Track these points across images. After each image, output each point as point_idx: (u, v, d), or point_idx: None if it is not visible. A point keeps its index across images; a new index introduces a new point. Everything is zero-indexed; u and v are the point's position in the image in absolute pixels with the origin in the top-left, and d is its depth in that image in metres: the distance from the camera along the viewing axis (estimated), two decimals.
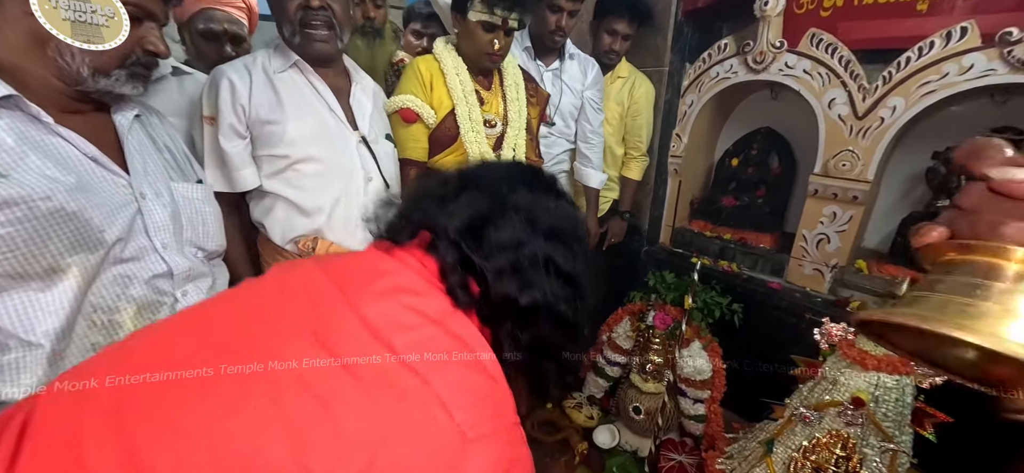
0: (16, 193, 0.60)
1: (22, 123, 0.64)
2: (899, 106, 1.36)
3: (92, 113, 0.75)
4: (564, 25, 1.65)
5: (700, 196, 2.08)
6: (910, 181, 1.60)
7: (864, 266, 1.54)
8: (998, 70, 1.20)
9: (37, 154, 0.64)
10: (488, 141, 1.33)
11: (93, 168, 0.71)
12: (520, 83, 1.40)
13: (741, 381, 1.46)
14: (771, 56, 1.58)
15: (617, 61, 1.90)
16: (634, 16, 1.79)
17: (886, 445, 0.89)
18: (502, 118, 1.37)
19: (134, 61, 0.72)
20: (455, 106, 1.27)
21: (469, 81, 1.29)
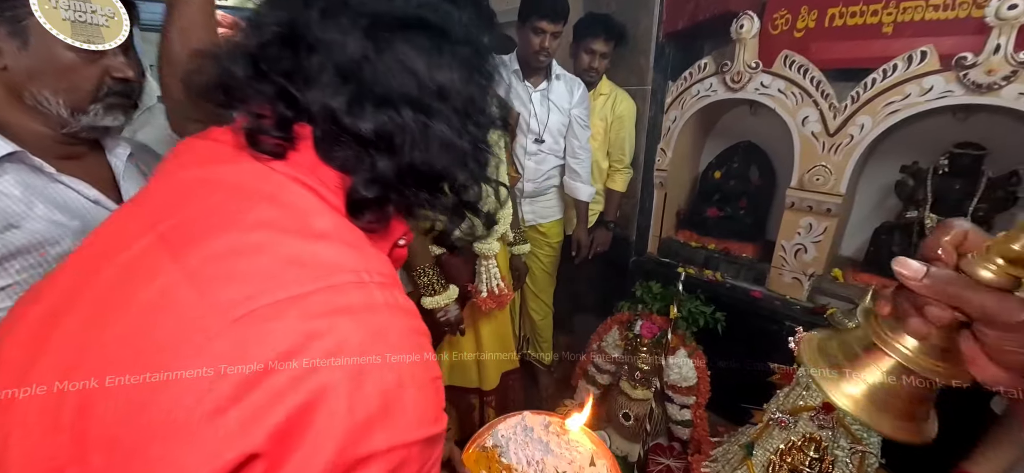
0: (28, 241, 0.63)
1: (27, 175, 0.68)
2: (867, 124, 1.44)
3: (89, 157, 0.78)
4: (547, 46, 1.73)
5: (685, 207, 2.16)
6: (881, 193, 1.68)
7: (840, 274, 1.61)
8: (955, 91, 1.28)
9: (43, 202, 0.67)
10: None
11: (96, 210, 0.74)
12: None
13: (725, 386, 1.52)
14: (747, 76, 1.66)
15: (598, 79, 1.98)
16: (609, 35, 1.87)
17: (855, 447, 0.95)
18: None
19: (107, 91, 0.72)
20: None
21: None
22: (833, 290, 1.60)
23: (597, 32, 1.86)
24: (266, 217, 0.34)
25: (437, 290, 1.34)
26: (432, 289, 1.34)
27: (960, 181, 1.43)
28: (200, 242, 0.33)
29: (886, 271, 1.58)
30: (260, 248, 0.33)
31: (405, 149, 0.39)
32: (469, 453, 0.89)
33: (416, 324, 0.38)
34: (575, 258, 2.07)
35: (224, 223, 0.34)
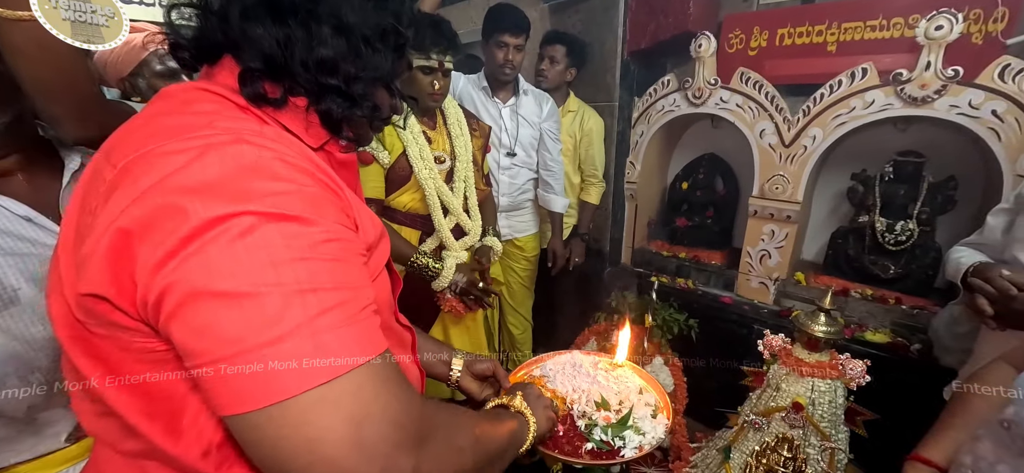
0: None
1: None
2: (818, 135, 1.54)
3: (32, 169, 0.73)
4: (511, 59, 1.77)
5: (656, 218, 2.23)
6: (835, 199, 1.79)
7: (802, 278, 1.70)
8: (894, 104, 1.39)
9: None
10: (441, 175, 1.41)
11: (27, 227, 0.68)
12: (462, 120, 1.49)
13: (701, 392, 1.57)
14: (708, 91, 1.74)
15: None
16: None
17: (825, 444, 0.99)
18: (450, 154, 1.45)
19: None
20: (406, 148, 1.34)
21: (415, 123, 1.37)
22: (797, 293, 1.68)
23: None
24: (154, 109, 0.45)
25: (435, 270, 1.37)
26: (430, 271, 1.37)
27: (904, 186, 1.54)
28: (116, 134, 0.46)
29: (844, 273, 1.67)
30: (150, 126, 0.42)
31: (287, 45, 0.45)
32: (517, 376, 0.90)
33: (273, 155, 0.41)
34: (552, 269, 2.09)
35: (136, 119, 0.46)
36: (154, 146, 0.39)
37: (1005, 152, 1.28)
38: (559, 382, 0.89)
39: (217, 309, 0.35)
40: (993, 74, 1.26)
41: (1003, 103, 1.26)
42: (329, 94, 0.48)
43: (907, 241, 1.52)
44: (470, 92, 1.86)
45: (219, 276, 0.35)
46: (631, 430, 0.79)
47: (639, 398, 0.88)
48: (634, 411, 0.83)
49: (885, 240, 1.54)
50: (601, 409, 0.84)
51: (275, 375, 0.34)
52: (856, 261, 1.62)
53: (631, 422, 0.80)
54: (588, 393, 0.86)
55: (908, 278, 1.54)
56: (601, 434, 0.78)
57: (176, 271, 0.35)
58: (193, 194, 0.36)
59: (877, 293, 1.57)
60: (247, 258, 0.35)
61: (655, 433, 0.80)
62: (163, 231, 0.35)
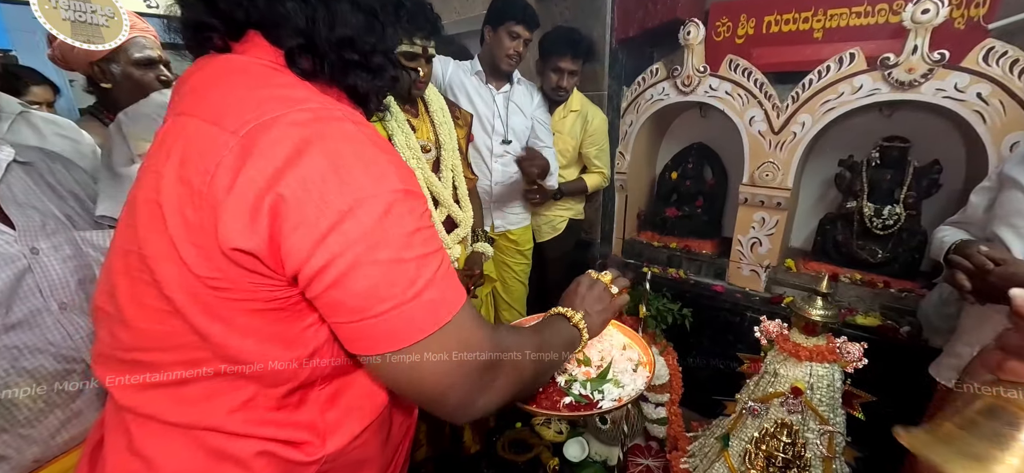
0: None
1: None
2: (807, 122, 1.54)
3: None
4: (520, 51, 1.74)
5: (646, 209, 2.22)
6: (824, 186, 1.80)
7: (793, 264, 1.71)
8: (882, 89, 1.40)
9: None
10: (427, 165, 1.38)
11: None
12: (445, 108, 1.45)
13: (697, 381, 1.56)
14: (697, 80, 1.73)
15: (566, 97, 1.98)
16: (576, 53, 1.86)
17: (824, 428, 0.99)
18: (435, 142, 1.41)
19: None
20: (391, 136, 1.30)
21: (399, 112, 1.32)
22: (787, 280, 1.69)
23: (563, 50, 1.84)
24: (242, 81, 0.48)
25: None
26: None
27: (890, 172, 1.55)
28: (205, 102, 0.47)
29: (833, 259, 1.68)
30: (246, 95, 0.46)
31: (312, 23, 0.49)
32: None
33: (372, 133, 0.48)
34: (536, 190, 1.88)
35: (214, 88, 0.48)
36: (279, 114, 0.44)
37: (990, 135, 1.29)
38: None
39: (376, 275, 0.44)
40: (978, 57, 1.27)
41: (987, 86, 1.27)
42: (353, 69, 0.53)
43: (894, 225, 1.54)
44: (461, 78, 1.82)
45: (376, 248, 0.44)
46: (610, 383, 0.82)
47: (621, 354, 0.90)
48: (614, 365, 0.85)
49: (873, 225, 1.56)
50: (582, 365, 0.86)
51: (416, 319, 0.46)
52: (845, 246, 1.63)
53: (610, 376, 0.83)
54: None
55: (895, 262, 1.56)
56: (580, 389, 0.80)
57: (338, 244, 0.43)
58: (338, 173, 0.43)
59: (866, 277, 1.58)
60: (394, 231, 0.45)
61: (634, 385, 0.82)
62: (319, 206, 0.42)
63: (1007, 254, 0.88)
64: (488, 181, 1.86)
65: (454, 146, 1.43)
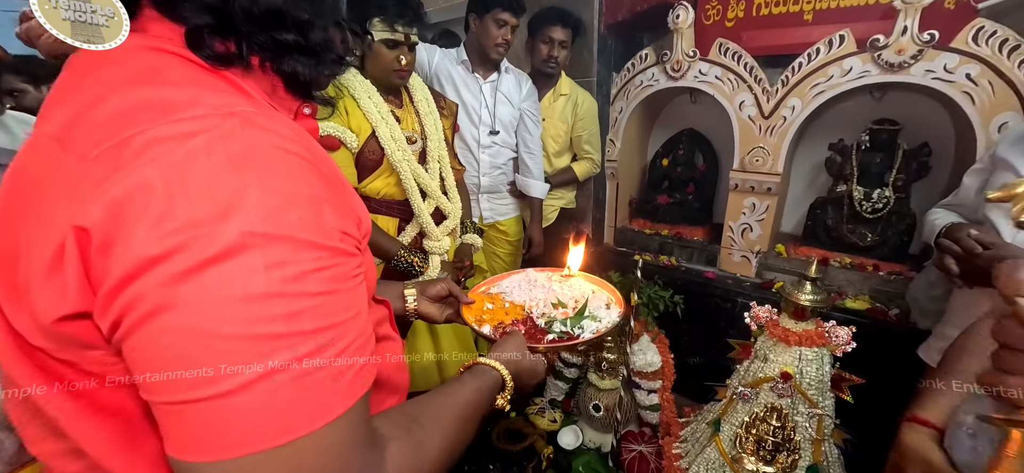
0: None
1: None
2: (797, 106, 1.53)
3: None
4: (509, 39, 1.71)
5: (637, 196, 2.21)
6: (814, 170, 1.80)
7: (783, 249, 1.71)
8: (872, 72, 1.39)
9: None
10: (413, 156, 1.36)
11: None
12: (429, 97, 1.42)
13: (688, 367, 1.57)
14: (686, 64, 1.72)
15: (557, 71, 1.97)
16: (566, 22, 1.86)
17: (813, 411, 0.99)
18: (420, 133, 1.39)
19: None
20: (375, 128, 1.27)
21: (382, 102, 1.29)
22: (778, 265, 1.69)
23: (554, 20, 1.85)
24: (111, 77, 0.36)
25: (421, 268, 1.34)
26: (414, 270, 1.33)
27: (880, 155, 1.55)
28: (59, 111, 0.36)
29: (822, 243, 1.69)
30: (111, 101, 0.34)
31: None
32: (475, 294, 0.95)
33: (282, 144, 0.36)
34: (527, 254, 2.04)
35: (73, 90, 0.37)
36: (136, 131, 0.32)
37: (979, 116, 1.29)
38: (516, 295, 0.94)
39: (176, 342, 0.31)
40: (967, 37, 1.27)
41: (977, 66, 1.27)
42: (289, 52, 0.42)
43: (883, 209, 1.54)
44: (447, 67, 1.79)
45: (186, 305, 0.30)
46: (588, 319, 0.86)
47: (593, 296, 0.95)
48: (589, 304, 0.90)
49: (863, 209, 1.56)
50: (558, 308, 0.90)
51: (223, 430, 0.31)
52: (835, 231, 1.63)
53: (587, 313, 0.88)
54: (545, 300, 0.93)
55: (885, 245, 1.56)
56: (560, 326, 0.84)
57: (143, 285, 0.30)
58: (175, 196, 0.30)
59: (856, 261, 1.59)
60: (218, 289, 0.30)
61: (610, 318, 0.88)
62: (137, 237, 0.30)
63: (996, 238, 0.88)
64: (476, 172, 1.84)
65: (440, 137, 1.41)
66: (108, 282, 0.31)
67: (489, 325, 0.87)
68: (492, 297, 0.95)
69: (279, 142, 0.35)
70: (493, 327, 0.86)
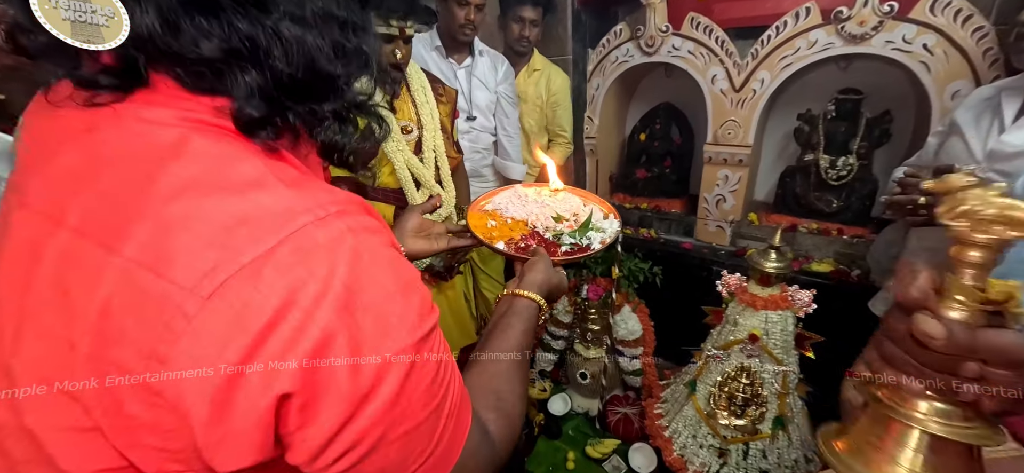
0: None
1: None
2: (766, 78, 1.58)
3: None
4: (473, 19, 1.69)
5: (616, 171, 2.26)
6: (783, 140, 1.87)
7: (755, 218, 1.79)
8: (836, 43, 1.45)
9: None
10: (408, 146, 1.37)
11: None
12: (426, 86, 1.43)
13: (668, 333, 1.65)
14: (660, 40, 1.74)
15: (529, 49, 1.97)
16: (536, 1, 1.85)
17: (778, 368, 1.08)
18: (416, 123, 1.40)
19: None
20: None
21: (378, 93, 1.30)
22: (751, 233, 1.77)
23: (522, 0, 1.84)
24: (183, 180, 0.31)
25: None
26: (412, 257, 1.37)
27: (845, 124, 1.62)
28: (125, 228, 0.29)
29: (792, 210, 1.76)
30: (195, 216, 0.30)
31: (263, 60, 0.34)
32: (473, 213, 0.96)
33: (385, 237, 0.38)
34: None
35: (140, 199, 0.30)
36: (254, 256, 0.29)
37: (934, 84, 1.36)
38: (514, 210, 0.95)
39: (399, 449, 0.36)
40: (925, 8, 1.32)
41: (933, 36, 1.33)
42: (324, 121, 0.39)
43: (848, 176, 1.62)
44: (421, 53, 1.78)
45: (400, 422, 0.35)
46: (593, 230, 0.88)
47: (588, 207, 0.97)
48: (592, 216, 0.92)
49: (828, 176, 1.64)
50: (559, 222, 0.92)
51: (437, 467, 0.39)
52: (803, 198, 1.71)
53: (591, 225, 0.90)
54: (542, 213, 0.94)
55: (848, 210, 1.65)
56: (570, 239, 0.86)
57: (360, 425, 0.33)
58: (357, 340, 0.32)
59: (822, 226, 1.67)
60: (414, 397, 0.35)
61: (612, 228, 0.90)
62: (342, 391, 0.32)
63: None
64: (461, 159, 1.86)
65: (436, 126, 1.42)
66: (318, 435, 0.32)
67: (501, 241, 0.87)
68: (491, 213, 0.95)
69: (381, 238, 0.36)
70: (505, 242, 0.87)
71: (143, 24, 0.33)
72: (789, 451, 1.11)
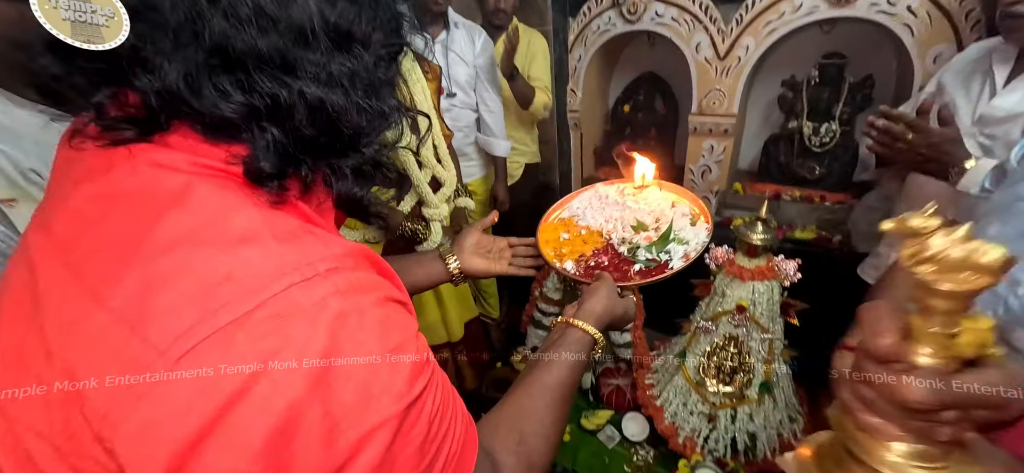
0: None
1: None
2: (751, 45, 1.56)
3: None
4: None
5: (601, 144, 2.24)
6: (768, 108, 1.86)
7: (740, 188, 1.80)
8: (821, 6, 1.43)
9: None
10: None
11: None
12: (415, 63, 1.38)
13: (657, 306, 1.67)
14: (642, 6, 1.70)
15: (507, 22, 1.91)
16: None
17: (764, 336, 1.10)
18: (409, 101, 1.36)
19: None
20: None
21: None
22: (736, 202, 1.79)
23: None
24: (179, 230, 0.30)
25: (424, 235, 1.33)
26: (419, 237, 1.32)
27: (828, 89, 1.62)
28: (116, 274, 0.29)
29: (776, 179, 1.77)
30: (183, 270, 0.29)
31: (284, 119, 0.33)
32: (546, 224, 0.88)
33: (380, 294, 0.35)
34: (495, 208, 2.03)
35: (135, 246, 0.30)
36: (236, 316, 0.28)
37: (916, 47, 1.36)
38: (590, 217, 0.86)
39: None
40: None
41: None
42: (343, 175, 0.38)
43: (830, 142, 1.63)
44: None
45: (403, 452, 0.33)
46: (674, 242, 0.79)
47: (673, 211, 0.86)
48: (673, 224, 0.82)
49: (812, 143, 1.65)
50: (639, 231, 0.82)
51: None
52: (786, 166, 1.72)
53: (672, 235, 0.80)
54: (622, 219, 0.84)
55: (831, 176, 1.67)
56: (646, 254, 0.77)
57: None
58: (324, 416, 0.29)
59: (805, 194, 1.69)
60: (413, 434, 0.34)
61: (698, 239, 0.80)
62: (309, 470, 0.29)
63: (924, 123, 0.90)
64: (453, 135, 1.82)
65: (430, 106, 1.37)
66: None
67: (570, 260, 0.79)
68: (565, 223, 0.87)
69: (374, 296, 0.34)
70: (574, 261, 0.79)
71: (167, 81, 0.32)
72: (774, 413, 1.15)
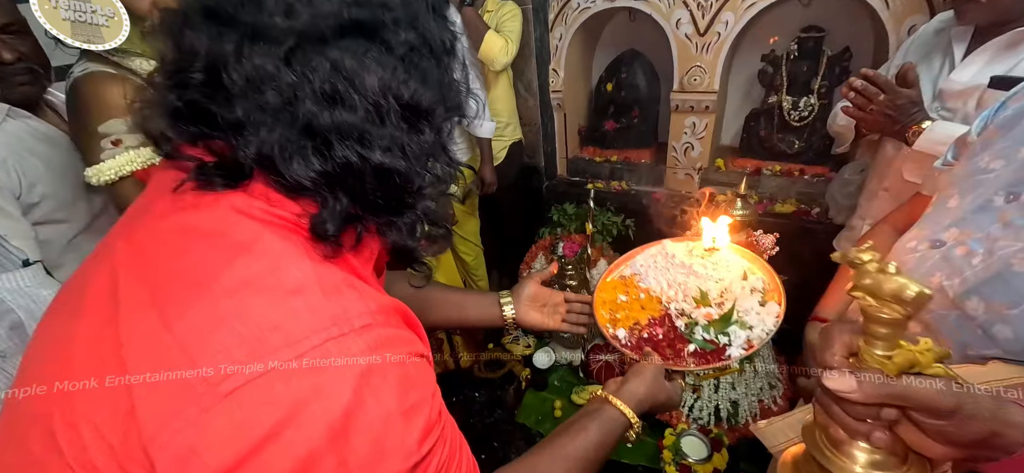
0: None
1: None
2: (730, 20, 1.57)
3: None
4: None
5: (585, 124, 2.24)
6: (748, 83, 1.88)
7: (722, 163, 1.82)
8: None
9: None
10: None
11: None
12: None
13: None
14: None
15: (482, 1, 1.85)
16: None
17: None
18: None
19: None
20: None
21: None
22: (718, 178, 1.81)
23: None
24: (244, 275, 0.34)
25: None
26: None
27: (807, 63, 1.64)
28: (187, 304, 0.33)
29: (757, 153, 1.80)
30: (241, 313, 0.33)
31: (355, 185, 0.38)
32: (606, 282, 0.84)
33: (404, 351, 0.38)
34: (480, 194, 2.03)
35: (206, 283, 0.34)
36: (264, 372, 0.31)
37: (892, 19, 1.38)
38: (652, 279, 0.81)
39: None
40: None
41: None
42: (398, 228, 0.42)
43: (809, 116, 1.65)
44: None
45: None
46: (736, 325, 0.71)
47: (743, 285, 0.79)
48: (738, 304, 0.74)
49: (791, 117, 1.67)
50: (701, 305, 0.75)
51: None
52: (767, 141, 1.75)
53: (735, 317, 0.72)
54: (684, 287, 0.77)
55: (809, 150, 1.70)
56: (703, 333, 0.71)
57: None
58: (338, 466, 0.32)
59: (784, 168, 1.72)
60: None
61: (763, 326, 0.71)
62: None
63: (894, 84, 0.91)
64: None
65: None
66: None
67: (624, 328, 0.75)
68: (626, 282, 0.81)
69: (399, 354, 0.37)
70: (628, 329, 0.74)
71: (263, 151, 0.35)
72: (755, 381, 1.20)
